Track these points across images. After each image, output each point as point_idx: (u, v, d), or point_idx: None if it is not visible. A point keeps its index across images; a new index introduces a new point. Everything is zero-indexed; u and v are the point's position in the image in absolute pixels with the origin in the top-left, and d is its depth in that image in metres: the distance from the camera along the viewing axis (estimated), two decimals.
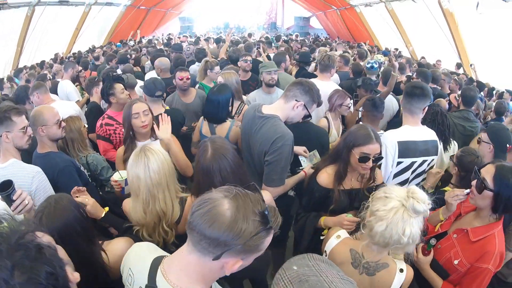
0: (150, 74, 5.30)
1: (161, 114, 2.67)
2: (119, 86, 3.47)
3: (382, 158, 2.15)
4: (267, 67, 3.81)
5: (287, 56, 5.43)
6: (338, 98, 3.45)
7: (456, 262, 1.88)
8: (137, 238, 1.82)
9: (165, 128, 2.46)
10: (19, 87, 4.55)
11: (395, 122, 3.54)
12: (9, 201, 1.73)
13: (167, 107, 3.56)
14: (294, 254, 2.37)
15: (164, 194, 1.83)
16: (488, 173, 1.79)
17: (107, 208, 2.09)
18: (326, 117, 3.51)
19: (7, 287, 0.89)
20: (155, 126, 2.50)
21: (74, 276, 1.12)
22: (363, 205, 1.68)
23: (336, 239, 1.82)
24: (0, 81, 7.03)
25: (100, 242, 1.77)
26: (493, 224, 1.83)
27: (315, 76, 4.34)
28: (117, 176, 2.35)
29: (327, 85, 3.86)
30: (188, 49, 7.69)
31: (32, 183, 2.18)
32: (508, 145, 2.59)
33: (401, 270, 1.65)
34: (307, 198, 2.33)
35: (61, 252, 1.15)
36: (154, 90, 3.35)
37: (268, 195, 2.08)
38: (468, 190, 1.94)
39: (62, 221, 1.57)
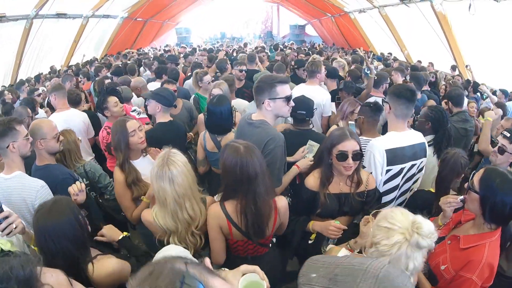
0: (153, 85, 5.38)
1: None
2: (112, 100, 3.51)
3: (361, 154, 2.16)
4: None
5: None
6: (349, 105, 3.45)
7: (443, 267, 1.85)
8: (138, 264, 1.84)
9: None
10: (25, 99, 4.58)
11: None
12: None
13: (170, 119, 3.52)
14: (282, 256, 2.36)
15: (191, 202, 1.93)
16: (477, 175, 1.77)
17: (126, 233, 2.07)
18: (337, 125, 3.46)
19: None
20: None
21: None
22: (362, 214, 1.65)
23: None
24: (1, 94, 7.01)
25: (99, 253, 1.79)
26: (486, 233, 1.76)
27: (304, 80, 4.43)
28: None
29: (314, 89, 4.02)
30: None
31: (37, 197, 2.22)
32: None
33: None
34: (296, 200, 2.38)
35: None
36: (173, 100, 3.38)
37: (283, 201, 2.10)
38: (462, 197, 1.90)
39: (53, 223, 1.61)
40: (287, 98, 2.35)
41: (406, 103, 2.41)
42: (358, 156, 2.13)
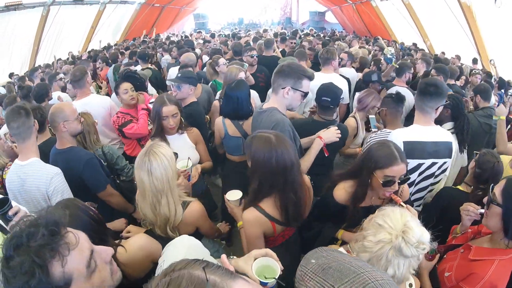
0: (174, 70, 5.35)
1: None
2: (123, 86, 3.47)
3: (409, 179, 1.93)
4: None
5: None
6: (374, 100, 3.28)
7: (446, 274, 1.77)
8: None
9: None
10: (38, 85, 4.54)
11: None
12: (5, 219, 1.67)
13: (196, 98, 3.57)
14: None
15: (168, 200, 1.84)
16: (498, 187, 1.63)
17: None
18: (354, 117, 3.35)
19: None
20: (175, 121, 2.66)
21: None
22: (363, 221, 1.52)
23: None
24: (21, 79, 7.19)
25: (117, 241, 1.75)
26: (499, 250, 1.63)
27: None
28: (180, 166, 2.31)
29: (332, 77, 3.87)
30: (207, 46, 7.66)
31: (50, 183, 2.23)
32: None
33: (410, 285, 1.51)
34: (320, 210, 2.19)
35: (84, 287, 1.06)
36: (198, 80, 3.45)
37: (306, 177, 2.07)
38: (482, 210, 1.79)
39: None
40: (305, 94, 2.36)
41: (431, 100, 2.34)
42: (405, 181, 1.91)
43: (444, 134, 2.46)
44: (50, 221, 0.98)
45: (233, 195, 2.04)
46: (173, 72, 5.16)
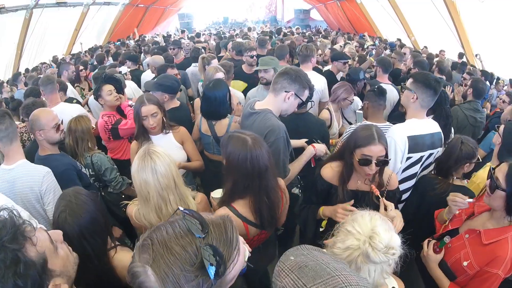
0: (147, 73, 5.29)
1: None
2: (106, 88, 3.43)
3: (387, 162, 1.99)
4: (260, 65, 3.71)
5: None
6: (345, 92, 3.49)
7: (465, 263, 1.80)
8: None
9: None
10: (30, 88, 4.49)
11: (397, 115, 3.47)
12: None
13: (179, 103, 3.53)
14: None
15: (175, 196, 1.82)
16: (500, 171, 1.69)
17: None
18: (328, 109, 3.47)
19: None
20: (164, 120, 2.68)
21: None
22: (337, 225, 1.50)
23: None
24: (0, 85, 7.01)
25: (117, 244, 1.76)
26: (507, 227, 1.72)
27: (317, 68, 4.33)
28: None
29: (311, 75, 3.73)
30: (187, 45, 7.59)
31: (43, 182, 2.23)
32: None
33: None
34: (309, 192, 2.27)
35: (57, 262, 1.13)
36: (178, 86, 3.38)
37: (281, 180, 2.05)
38: (471, 200, 1.87)
39: (88, 216, 1.58)
40: (302, 104, 2.37)
41: (433, 94, 2.39)
42: (383, 162, 1.96)
43: (435, 125, 2.55)
44: (7, 214, 1.03)
45: (218, 193, 2.02)
46: (146, 76, 5.11)
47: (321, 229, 2.10)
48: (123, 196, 3.07)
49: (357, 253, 1.28)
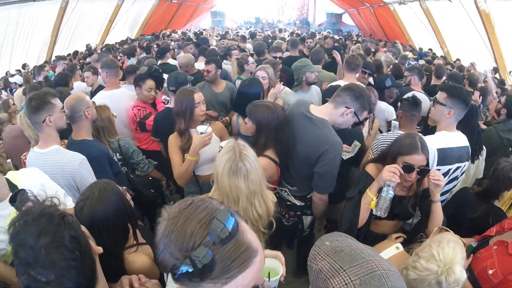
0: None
1: None
2: (149, 83, 3.50)
3: (428, 170, 2.00)
4: (310, 66, 3.69)
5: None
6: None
7: (490, 272, 1.85)
8: None
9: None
10: (59, 74, 4.62)
11: (425, 127, 3.44)
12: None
13: None
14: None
15: (259, 200, 1.81)
16: None
17: None
18: None
19: (32, 251, 1.00)
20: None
21: (96, 248, 1.20)
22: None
23: (395, 250, 1.90)
24: (39, 68, 7.25)
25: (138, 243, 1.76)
26: None
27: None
28: (201, 129, 2.39)
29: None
30: (222, 43, 7.63)
31: (80, 169, 2.23)
32: None
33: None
34: (354, 185, 2.23)
35: (83, 228, 1.21)
36: (185, 82, 3.35)
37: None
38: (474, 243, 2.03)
39: (102, 214, 1.57)
40: (357, 124, 2.42)
41: (466, 108, 2.43)
42: (424, 172, 1.99)
43: (464, 139, 2.55)
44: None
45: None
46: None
47: (367, 206, 2.03)
48: (150, 178, 3.17)
49: (433, 277, 1.45)
